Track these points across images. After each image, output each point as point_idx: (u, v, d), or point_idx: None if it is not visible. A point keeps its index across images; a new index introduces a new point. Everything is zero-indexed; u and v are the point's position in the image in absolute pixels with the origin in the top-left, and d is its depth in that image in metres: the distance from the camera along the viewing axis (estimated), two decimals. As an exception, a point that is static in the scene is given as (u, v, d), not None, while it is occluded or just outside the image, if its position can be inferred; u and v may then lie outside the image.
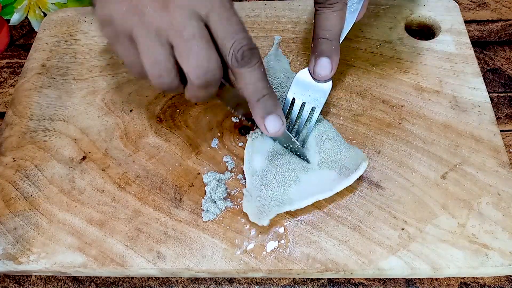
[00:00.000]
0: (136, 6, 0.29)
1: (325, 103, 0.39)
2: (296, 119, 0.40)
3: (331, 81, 0.39)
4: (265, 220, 0.35)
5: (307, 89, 0.39)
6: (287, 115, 0.40)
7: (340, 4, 0.37)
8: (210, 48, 0.29)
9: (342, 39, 0.38)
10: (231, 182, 0.39)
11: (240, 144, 0.41)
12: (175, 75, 0.30)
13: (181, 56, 0.29)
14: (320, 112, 0.39)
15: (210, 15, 0.29)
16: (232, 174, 0.39)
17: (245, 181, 0.38)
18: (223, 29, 0.30)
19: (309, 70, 0.39)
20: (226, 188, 0.38)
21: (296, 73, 0.39)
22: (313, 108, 0.39)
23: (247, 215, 0.36)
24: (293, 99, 0.39)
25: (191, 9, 0.29)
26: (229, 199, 0.38)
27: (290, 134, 0.37)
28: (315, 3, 0.37)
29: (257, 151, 0.39)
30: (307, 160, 0.38)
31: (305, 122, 0.39)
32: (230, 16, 0.30)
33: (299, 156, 0.38)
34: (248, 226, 0.36)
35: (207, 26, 0.30)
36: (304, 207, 0.37)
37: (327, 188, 0.36)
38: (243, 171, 0.39)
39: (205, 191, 0.38)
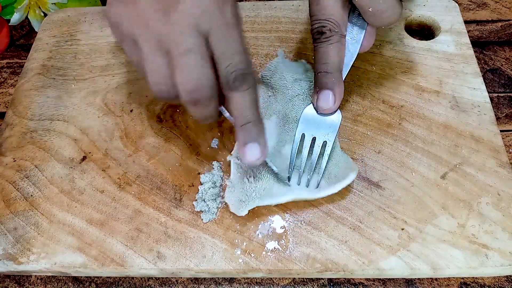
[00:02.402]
0: (141, 14, 0.29)
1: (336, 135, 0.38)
2: (308, 155, 0.38)
3: (340, 114, 0.37)
4: (244, 210, 0.35)
5: (316, 124, 0.38)
6: (298, 153, 0.38)
7: (336, 36, 0.36)
8: (204, 65, 0.29)
9: (348, 71, 0.37)
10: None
11: (240, 144, 0.41)
12: (174, 89, 0.29)
13: (174, 69, 0.29)
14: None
15: (212, 32, 0.29)
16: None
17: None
18: (222, 48, 0.29)
19: (313, 104, 0.38)
20: (220, 191, 0.38)
21: (303, 110, 0.38)
22: (325, 143, 0.37)
23: (247, 215, 0.36)
24: (303, 136, 0.38)
25: (193, 22, 0.28)
26: (220, 197, 0.38)
27: (269, 162, 0.36)
28: (313, 39, 0.37)
29: None
30: (286, 182, 0.37)
31: (317, 158, 0.37)
32: (232, 35, 0.29)
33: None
34: (248, 226, 0.36)
35: (208, 42, 0.29)
36: (304, 207, 0.37)
37: (311, 191, 0.36)
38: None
39: (198, 189, 0.38)
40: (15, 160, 0.41)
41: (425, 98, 0.43)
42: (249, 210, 0.36)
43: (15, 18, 0.53)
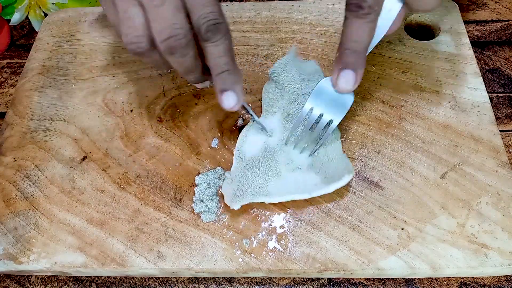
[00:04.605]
0: None
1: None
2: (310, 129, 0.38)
3: (353, 94, 0.36)
4: (237, 204, 0.35)
5: (327, 100, 0.37)
6: (302, 124, 0.39)
7: (373, 15, 0.34)
8: (178, 14, 0.30)
9: (369, 52, 0.36)
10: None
11: (240, 144, 0.41)
12: (147, 41, 0.31)
13: (149, 20, 0.30)
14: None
15: None
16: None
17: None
18: (191, 1, 0.30)
19: (331, 80, 0.36)
20: (217, 190, 0.38)
21: (318, 82, 0.37)
22: (331, 121, 0.37)
23: (247, 214, 0.36)
24: (311, 109, 0.37)
25: None
26: (218, 196, 0.38)
27: (247, 107, 0.38)
28: (347, 10, 0.35)
29: (251, 138, 0.40)
30: (264, 129, 0.40)
31: (319, 133, 0.38)
32: None
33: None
34: (248, 226, 0.36)
35: None
36: (304, 207, 0.37)
37: (306, 190, 0.36)
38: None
39: (194, 191, 0.38)
40: (15, 160, 0.41)
41: (424, 98, 0.43)
42: (250, 211, 0.36)
43: (16, 18, 0.53)
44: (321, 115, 0.37)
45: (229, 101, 0.34)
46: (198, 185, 0.39)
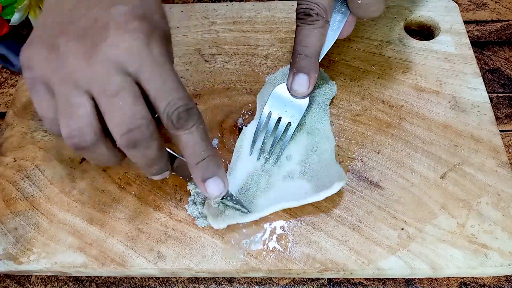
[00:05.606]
0: (57, 53, 0.26)
1: (302, 118, 0.39)
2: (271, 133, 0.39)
3: (308, 98, 0.39)
4: (222, 223, 0.35)
5: (284, 104, 0.39)
6: (263, 129, 0.40)
7: (322, 21, 0.36)
8: (137, 103, 0.27)
9: (323, 56, 0.38)
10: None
11: (240, 144, 0.41)
12: (93, 133, 0.27)
13: (105, 112, 0.26)
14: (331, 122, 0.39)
15: (141, 73, 0.27)
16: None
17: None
18: (156, 88, 0.27)
19: (287, 85, 0.39)
20: None
21: (274, 88, 0.39)
22: (289, 124, 0.39)
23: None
24: (270, 113, 0.39)
25: (118, 63, 0.26)
26: None
27: (234, 197, 0.36)
28: (297, 18, 0.37)
29: (240, 167, 0.39)
30: (247, 211, 0.36)
31: (280, 137, 0.39)
32: (164, 73, 0.27)
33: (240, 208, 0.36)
34: (248, 226, 0.36)
35: (138, 83, 0.27)
36: (304, 207, 0.37)
37: (295, 198, 0.36)
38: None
39: (189, 193, 0.38)
40: (15, 160, 0.41)
41: (424, 98, 0.43)
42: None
43: (16, 18, 0.53)
44: (280, 118, 0.39)
45: (216, 188, 0.31)
46: (190, 190, 0.38)
